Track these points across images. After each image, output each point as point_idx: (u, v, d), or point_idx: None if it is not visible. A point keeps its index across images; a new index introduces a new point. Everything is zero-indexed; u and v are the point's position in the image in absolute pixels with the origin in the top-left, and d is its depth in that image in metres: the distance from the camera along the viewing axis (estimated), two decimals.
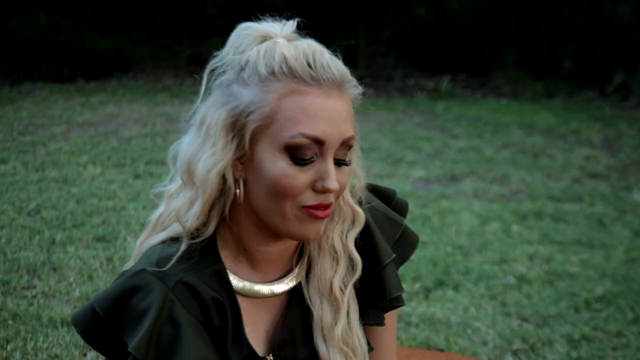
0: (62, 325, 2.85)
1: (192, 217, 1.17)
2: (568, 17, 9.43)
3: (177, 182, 1.23)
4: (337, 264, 1.24)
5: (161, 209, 1.24)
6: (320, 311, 1.22)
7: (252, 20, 1.21)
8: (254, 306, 1.21)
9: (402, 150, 5.98)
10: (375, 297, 1.28)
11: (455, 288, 3.40)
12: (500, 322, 3.06)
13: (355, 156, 1.23)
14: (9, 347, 2.67)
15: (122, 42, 10.79)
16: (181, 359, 1.10)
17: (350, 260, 1.24)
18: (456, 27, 9.70)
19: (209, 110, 1.16)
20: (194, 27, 10.35)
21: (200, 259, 1.17)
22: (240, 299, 1.20)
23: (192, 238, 1.18)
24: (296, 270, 1.25)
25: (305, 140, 1.11)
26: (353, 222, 1.25)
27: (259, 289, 1.21)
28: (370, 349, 1.29)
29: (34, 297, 3.11)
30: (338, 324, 1.22)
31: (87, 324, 1.16)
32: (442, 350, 2.81)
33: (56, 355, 2.65)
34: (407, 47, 9.88)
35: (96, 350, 1.20)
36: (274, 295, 1.22)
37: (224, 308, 1.17)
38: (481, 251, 3.87)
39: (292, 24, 1.20)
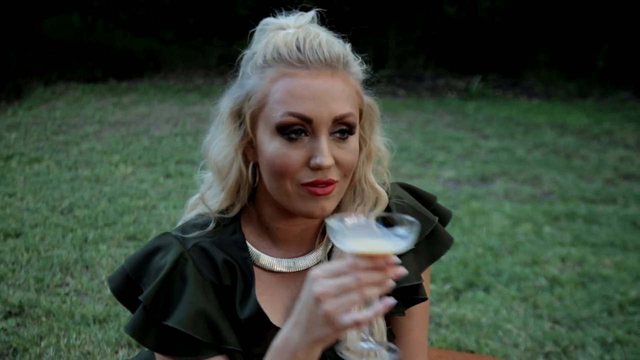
0: (94, 323, 2.87)
1: (215, 199, 1.28)
2: (602, 17, 9.30)
3: None
4: None
5: (198, 194, 1.34)
6: None
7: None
8: (274, 280, 1.27)
9: (432, 150, 5.95)
10: None
11: (486, 289, 3.37)
12: (531, 325, 3.03)
13: (375, 136, 1.28)
14: (42, 344, 2.70)
15: (153, 43, 10.87)
16: (180, 310, 1.20)
17: None
18: (487, 26, 9.63)
19: (222, 102, 1.28)
20: (225, 27, 10.41)
21: (222, 231, 1.28)
22: (259, 272, 1.27)
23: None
24: (319, 249, 1.29)
25: (292, 119, 1.17)
26: (375, 203, 1.28)
27: (279, 264, 1.28)
28: (392, 335, 1.30)
29: (67, 294, 3.15)
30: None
31: (118, 282, 1.28)
32: (472, 352, 2.79)
33: (88, 352, 2.67)
34: (437, 46, 9.83)
35: (125, 306, 1.31)
36: (295, 272, 1.27)
37: (235, 270, 1.25)
38: (512, 252, 3.83)
39: (308, 15, 1.26)
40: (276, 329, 1.23)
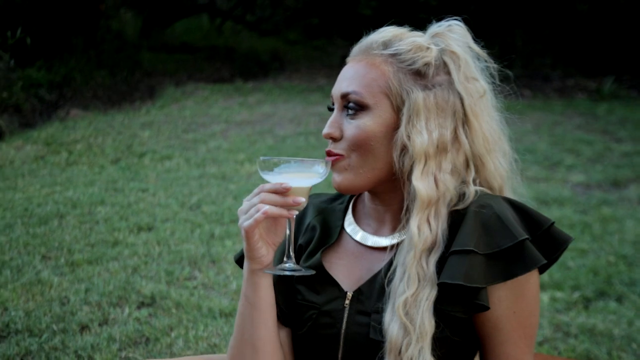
0: (221, 316, 2.96)
1: None
2: None
3: None
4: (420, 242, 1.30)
5: None
6: (398, 280, 1.27)
7: (403, 20, 1.42)
8: (357, 250, 1.38)
9: (560, 153, 5.74)
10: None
11: (619, 299, 3.21)
12: None
13: (414, 131, 1.26)
14: (172, 334, 2.81)
15: (278, 43, 11.09)
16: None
17: (434, 242, 1.27)
18: (622, 24, 9.19)
19: None
20: (348, 27, 10.47)
21: (342, 201, 1.46)
22: (348, 239, 1.40)
23: None
24: (394, 235, 1.34)
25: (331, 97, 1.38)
26: (414, 200, 1.28)
27: (358, 234, 1.39)
28: (445, 337, 1.26)
29: (195, 288, 3.26)
30: (404, 294, 1.25)
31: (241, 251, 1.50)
32: None
33: (215, 345, 2.75)
34: (566, 45, 9.48)
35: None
36: (375, 247, 1.36)
37: (315, 233, 1.43)
38: None
39: (442, 25, 1.34)
40: (337, 285, 1.34)
